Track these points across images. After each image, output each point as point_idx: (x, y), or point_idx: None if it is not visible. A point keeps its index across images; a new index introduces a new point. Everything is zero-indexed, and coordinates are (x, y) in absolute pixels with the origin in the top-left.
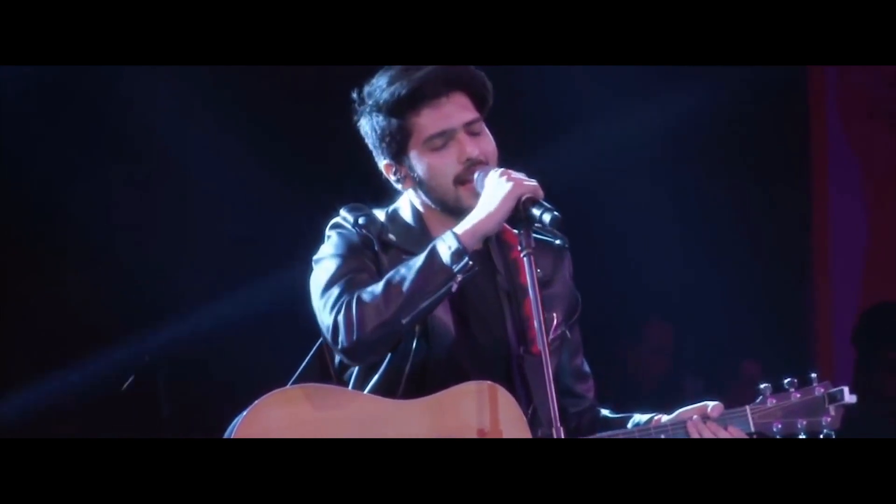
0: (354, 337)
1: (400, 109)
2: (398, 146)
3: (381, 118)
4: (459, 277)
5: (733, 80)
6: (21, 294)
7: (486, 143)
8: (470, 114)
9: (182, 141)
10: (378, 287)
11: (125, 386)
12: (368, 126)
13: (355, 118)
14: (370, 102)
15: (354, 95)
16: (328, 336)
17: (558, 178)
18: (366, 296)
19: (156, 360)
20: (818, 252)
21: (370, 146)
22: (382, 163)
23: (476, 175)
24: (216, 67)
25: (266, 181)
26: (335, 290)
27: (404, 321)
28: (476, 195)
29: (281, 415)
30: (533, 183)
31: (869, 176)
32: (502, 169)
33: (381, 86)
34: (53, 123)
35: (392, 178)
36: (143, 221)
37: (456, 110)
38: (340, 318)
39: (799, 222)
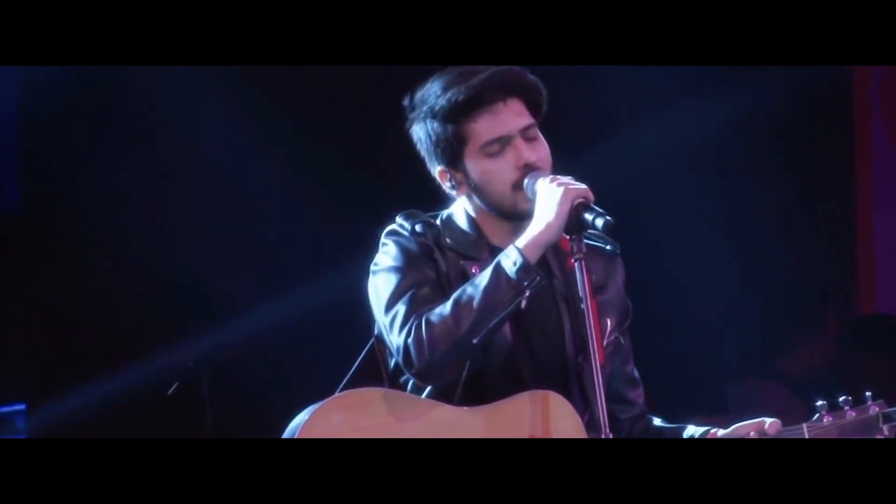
0: (426, 359)
1: (456, 115)
2: (453, 152)
3: (436, 124)
4: (527, 293)
5: (778, 87)
6: (63, 300)
7: (542, 149)
8: (525, 119)
9: (225, 147)
10: (446, 308)
11: (170, 392)
12: (422, 132)
13: (406, 124)
14: (424, 108)
15: (406, 102)
16: (399, 358)
17: (599, 183)
18: (434, 317)
19: (200, 366)
20: (862, 260)
21: (423, 152)
22: (437, 169)
23: (525, 182)
24: (258, 69)
25: (309, 186)
26: (401, 308)
27: (475, 340)
28: (528, 200)
29: (341, 419)
30: (583, 187)
31: None
32: (551, 175)
33: (435, 92)
34: (96, 126)
35: (446, 185)
36: (187, 228)
37: (512, 116)
38: (411, 340)
39: (844, 231)
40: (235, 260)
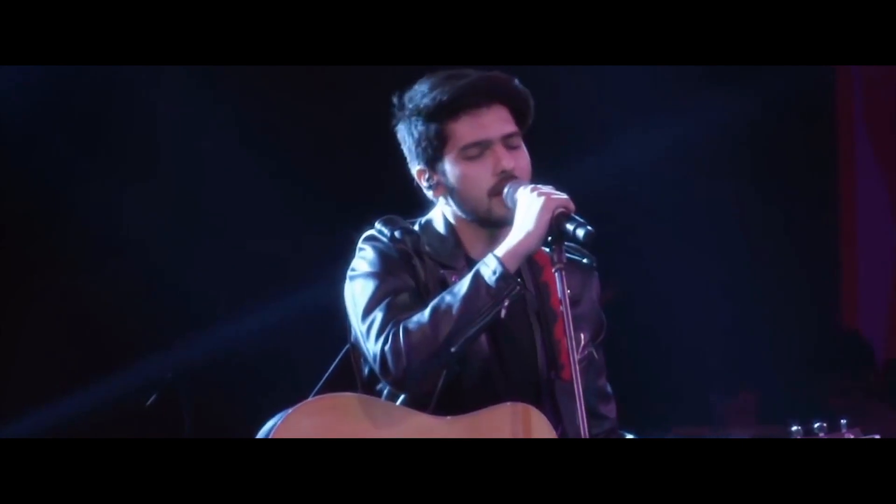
0: (404, 367)
1: (439, 115)
2: (434, 152)
3: (419, 123)
4: (506, 302)
5: (760, 92)
6: (42, 310)
7: (522, 159)
8: (509, 127)
9: (201, 154)
10: (424, 315)
11: (149, 402)
12: (406, 130)
13: (393, 123)
14: (410, 107)
15: (395, 100)
16: (375, 365)
17: (580, 192)
18: (412, 325)
19: (179, 377)
20: (847, 267)
21: (405, 151)
22: (416, 168)
23: (506, 190)
24: (240, 74)
25: (286, 192)
26: (378, 315)
27: (453, 349)
28: (506, 207)
29: (314, 424)
30: (564, 196)
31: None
32: (532, 184)
33: (422, 91)
34: (76, 128)
35: (424, 185)
36: (162, 237)
37: (495, 121)
38: (388, 348)
39: (827, 237)
40: (212, 268)
